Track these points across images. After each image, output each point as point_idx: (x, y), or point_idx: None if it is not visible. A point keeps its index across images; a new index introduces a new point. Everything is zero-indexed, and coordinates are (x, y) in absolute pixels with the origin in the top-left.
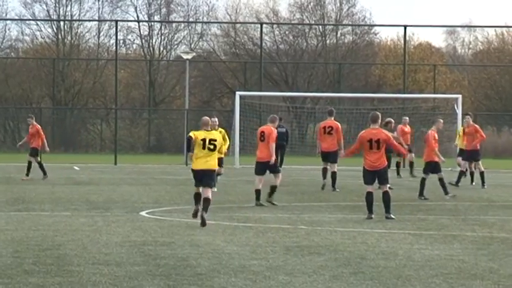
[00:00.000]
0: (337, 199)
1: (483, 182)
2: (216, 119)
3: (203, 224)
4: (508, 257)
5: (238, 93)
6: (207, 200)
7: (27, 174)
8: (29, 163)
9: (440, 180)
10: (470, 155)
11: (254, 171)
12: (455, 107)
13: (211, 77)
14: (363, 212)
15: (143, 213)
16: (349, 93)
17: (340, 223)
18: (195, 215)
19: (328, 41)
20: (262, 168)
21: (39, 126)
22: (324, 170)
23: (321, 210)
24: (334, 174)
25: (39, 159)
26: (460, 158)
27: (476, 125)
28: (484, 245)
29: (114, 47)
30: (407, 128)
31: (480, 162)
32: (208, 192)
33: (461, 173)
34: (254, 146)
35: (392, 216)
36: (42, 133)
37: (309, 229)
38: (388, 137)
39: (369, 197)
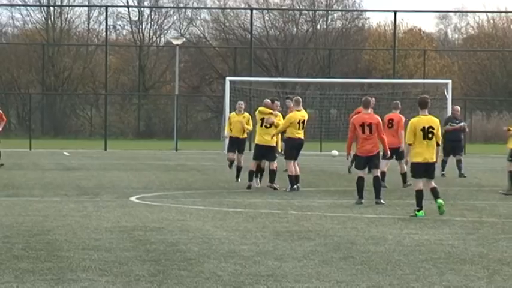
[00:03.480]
0: (327, 184)
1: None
2: (278, 103)
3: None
4: (498, 241)
5: (228, 78)
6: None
7: None
8: None
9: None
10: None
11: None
12: (446, 92)
13: (201, 62)
14: (353, 197)
15: (133, 198)
16: (339, 78)
17: (330, 208)
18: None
19: (318, 27)
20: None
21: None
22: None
23: (310, 195)
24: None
25: None
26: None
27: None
28: (473, 229)
29: (104, 33)
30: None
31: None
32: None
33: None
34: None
35: (382, 201)
36: (5, 118)
37: (298, 214)
38: (379, 122)
39: (360, 182)
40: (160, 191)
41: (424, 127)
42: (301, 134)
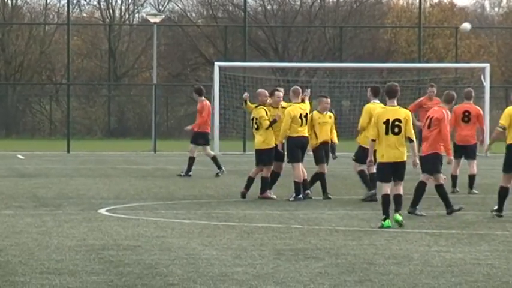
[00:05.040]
0: (339, 192)
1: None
2: (280, 93)
3: None
4: None
5: (217, 64)
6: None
7: None
8: None
9: None
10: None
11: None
12: (482, 79)
13: (184, 45)
14: (370, 207)
15: (102, 210)
16: (352, 62)
17: (343, 221)
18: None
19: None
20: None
21: None
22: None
23: (319, 205)
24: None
25: None
26: None
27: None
28: None
29: (66, 9)
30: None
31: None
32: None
33: None
34: (237, 129)
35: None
36: None
37: (304, 229)
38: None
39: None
40: (135, 202)
41: (388, 120)
42: (303, 131)
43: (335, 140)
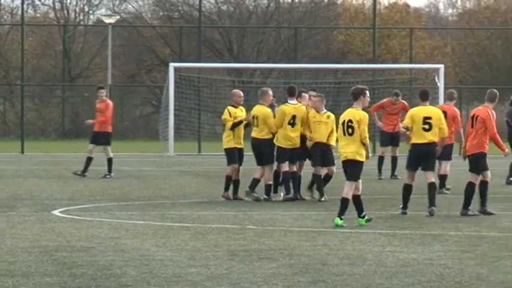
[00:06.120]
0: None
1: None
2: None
3: None
4: (499, 260)
5: (172, 64)
6: None
7: None
8: None
9: None
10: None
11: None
12: (436, 79)
13: (138, 45)
14: (324, 208)
15: (56, 212)
16: (307, 63)
17: (297, 222)
18: None
19: (281, 0)
20: None
21: None
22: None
23: (273, 206)
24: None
25: None
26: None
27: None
28: (470, 246)
29: (20, 9)
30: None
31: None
32: None
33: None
34: (192, 130)
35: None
36: None
37: (258, 229)
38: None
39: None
40: (89, 203)
41: (344, 121)
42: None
43: (330, 142)
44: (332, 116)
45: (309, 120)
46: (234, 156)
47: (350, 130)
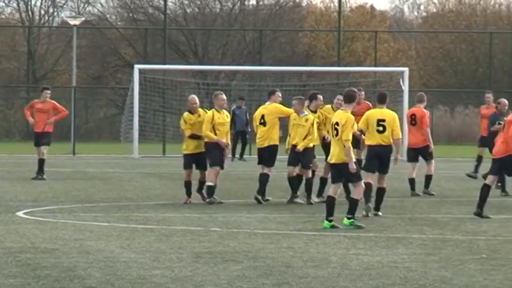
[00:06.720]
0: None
1: None
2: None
3: None
4: (464, 263)
5: (136, 66)
6: None
7: None
8: None
9: None
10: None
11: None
12: (401, 83)
13: (103, 47)
14: (289, 211)
15: (20, 213)
16: (272, 66)
17: (261, 224)
18: None
19: (246, 3)
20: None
21: None
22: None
23: (238, 208)
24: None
25: None
26: None
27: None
28: (434, 249)
29: None
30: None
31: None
32: None
33: None
34: (156, 132)
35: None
36: None
37: (223, 231)
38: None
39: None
40: (53, 204)
41: (332, 123)
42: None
43: (302, 144)
44: (310, 119)
45: (290, 122)
46: (188, 162)
47: (335, 132)
